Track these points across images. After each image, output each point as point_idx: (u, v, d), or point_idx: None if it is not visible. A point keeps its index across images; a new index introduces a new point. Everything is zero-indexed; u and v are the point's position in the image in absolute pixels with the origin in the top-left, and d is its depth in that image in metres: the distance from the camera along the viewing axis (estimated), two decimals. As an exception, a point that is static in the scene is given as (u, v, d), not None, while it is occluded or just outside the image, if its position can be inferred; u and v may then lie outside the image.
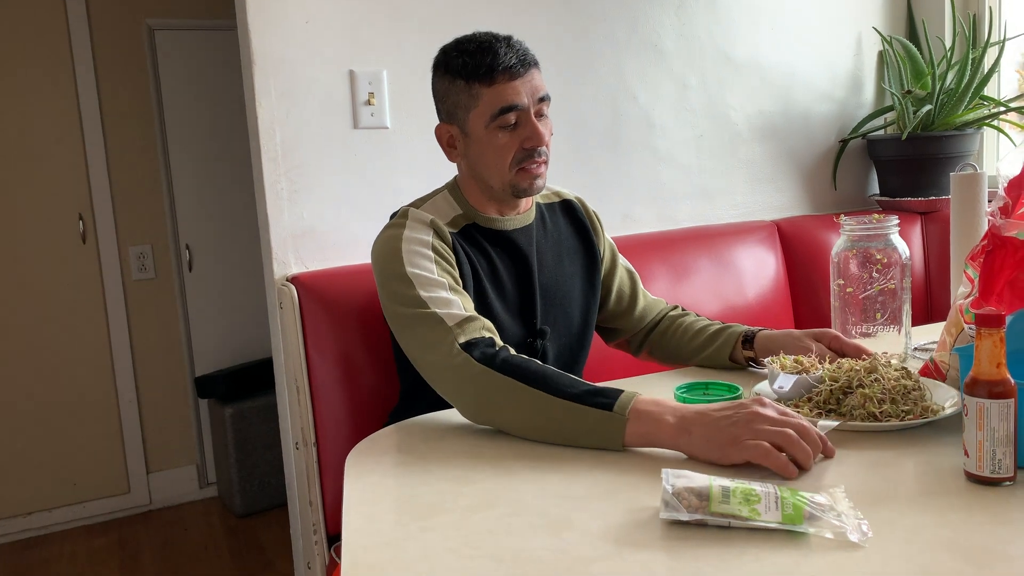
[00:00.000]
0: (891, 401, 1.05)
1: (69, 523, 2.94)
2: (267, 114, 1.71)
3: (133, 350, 3.01)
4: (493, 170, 1.28)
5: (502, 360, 1.09)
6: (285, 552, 2.63)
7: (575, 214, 1.47)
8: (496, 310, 1.32)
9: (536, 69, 1.28)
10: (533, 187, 1.29)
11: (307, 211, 1.76)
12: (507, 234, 1.35)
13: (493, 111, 1.24)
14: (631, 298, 1.52)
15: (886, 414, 1.04)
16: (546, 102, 1.29)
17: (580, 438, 1.04)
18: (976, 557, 0.73)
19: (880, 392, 1.05)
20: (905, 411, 1.04)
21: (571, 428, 1.04)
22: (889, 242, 1.32)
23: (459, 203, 1.35)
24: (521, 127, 1.26)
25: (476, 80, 1.24)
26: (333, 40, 1.76)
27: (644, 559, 0.76)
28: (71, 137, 2.87)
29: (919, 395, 1.06)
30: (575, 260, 1.44)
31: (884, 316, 1.33)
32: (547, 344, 1.38)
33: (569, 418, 1.03)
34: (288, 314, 1.63)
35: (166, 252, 3.05)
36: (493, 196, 1.33)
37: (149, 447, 3.06)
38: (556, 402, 1.04)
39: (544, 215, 1.43)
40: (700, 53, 2.19)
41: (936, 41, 2.35)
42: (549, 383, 1.06)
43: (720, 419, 0.96)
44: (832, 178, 2.40)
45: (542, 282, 1.38)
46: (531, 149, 1.26)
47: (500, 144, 1.26)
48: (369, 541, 0.83)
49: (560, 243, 1.43)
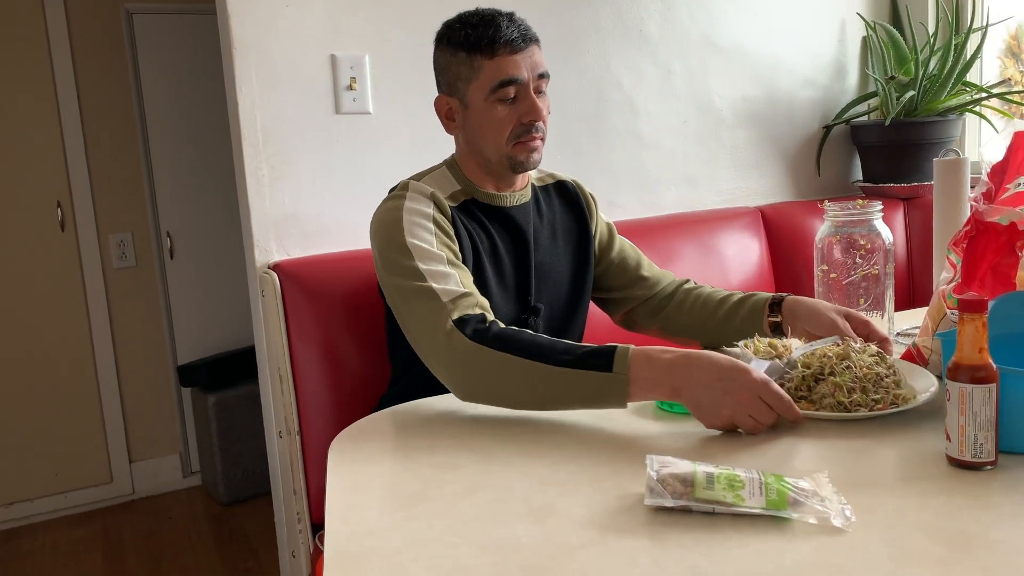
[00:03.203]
0: (861, 390, 1.03)
1: (51, 513, 2.92)
2: (247, 100, 1.69)
3: (114, 339, 2.98)
4: (491, 143, 1.29)
5: (494, 335, 1.09)
6: (270, 541, 2.62)
7: (570, 195, 1.48)
8: (492, 286, 1.33)
9: (537, 46, 1.30)
10: (530, 161, 1.30)
11: (289, 198, 1.74)
12: (506, 210, 1.36)
13: (493, 83, 1.25)
14: (637, 266, 1.51)
15: (856, 403, 1.03)
16: (545, 79, 1.30)
17: (582, 403, 1.05)
18: (958, 541, 0.73)
19: (851, 380, 1.04)
20: (875, 400, 1.03)
21: (572, 394, 1.04)
22: (872, 228, 1.33)
23: (457, 179, 1.35)
24: (520, 101, 1.28)
25: (478, 52, 1.25)
26: (314, 24, 1.74)
27: (628, 545, 0.75)
28: (48, 123, 2.83)
29: (893, 382, 1.05)
30: (569, 240, 1.45)
31: (867, 301, 1.33)
32: (539, 322, 1.39)
33: (569, 385, 1.04)
34: (270, 302, 1.62)
35: (147, 240, 3.01)
36: (490, 171, 1.33)
37: (131, 436, 3.03)
38: (553, 371, 1.04)
39: (539, 195, 1.44)
40: (684, 39, 2.18)
41: (919, 27, 2.36)
42: (544, 352, 1.06)
43: (713, 387, 0.99)
44: (816, 164, 2.41)
45: (537, 260, 1.39)
46: (529, 124, 1.28)
47: (499, 117, 1.27)
48: (353, 529, 0.83)
49: (555, 223, 1.43)
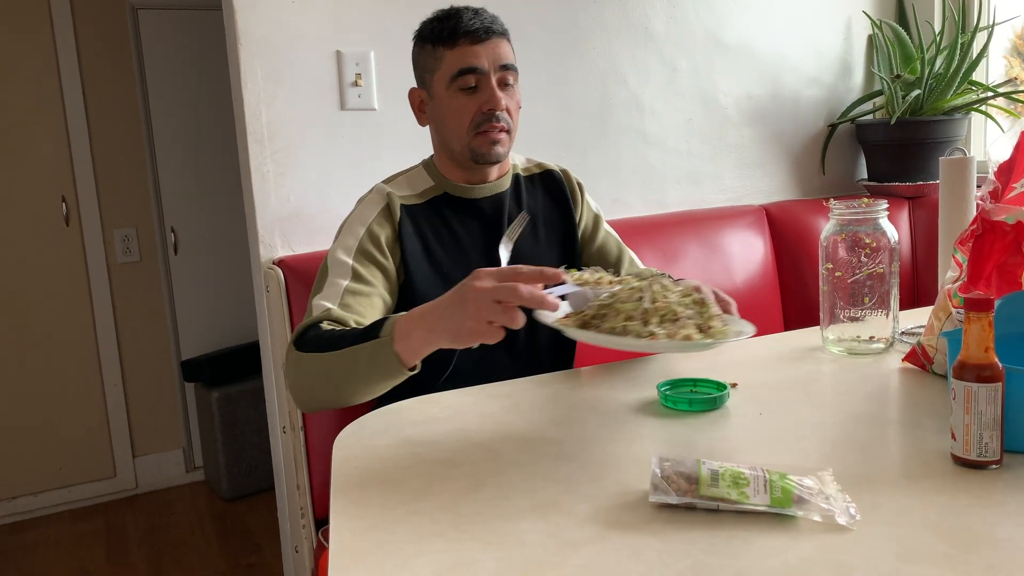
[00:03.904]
0: (643, 321, 0.95)
1: (55, 507, 2.93)
2: (253, 95, 1.69)
3: (118, 334, 2.98)
4: (453, 133, 1.32)
5: (304, 340, 1.12)
6: (273, 536, 2.63)
7: (554, 184, 1.48)
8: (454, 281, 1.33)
9: (503, 39, 1.32)
10: (492, 153, 1.31)
11: (293, 193, 1.74)
12: (476, 202, 1.37)
13: (453, 72, 1.28)
14: (616, 262, 1.50)
15: (627, 330, 0.95)
16: (511, 72, 1.31)
17: (370, 375, 1.06)
18: (963, 539, 0.73)
19: (637, 311, 0.96)
20: (651, 332, 0.94)
21: (359, 369, 1.06)
22: (878, 226, 1.32)
23: (432, 175, 1.38)
24: (481, 91, 1.29)
25: (440, 43, 1.29)
26: (320, 20, 1.74)
27: (632, 542, 0.75)
28: (53, 119, 2.83)
29: (693, 324, 0.97)
30: (551, 230, 1.44)
31: (872, 300, 1.33)
32: None
33: (354, 362, 1.06)
34: (275, 297, 1.62)
35: (151, 235, 3.02)
36: (459, 163, 1.35)
37: (135, 431, 3.04)
38: (340, 354, 1.06)
39: (521, 185, 1.44)
40: (690, 37, 2.18)
41: (925, 26, 2.35)
42: (334, 340, 1.08)
43: (447, 308, 0.98)
44: (821, 162, 2.40)
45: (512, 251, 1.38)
46: (489, 113, 1.29)
47: (458, 105, 1.30)
48: (357, 525, 0.83)
49: (535, 213, 1.43)
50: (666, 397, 1.12)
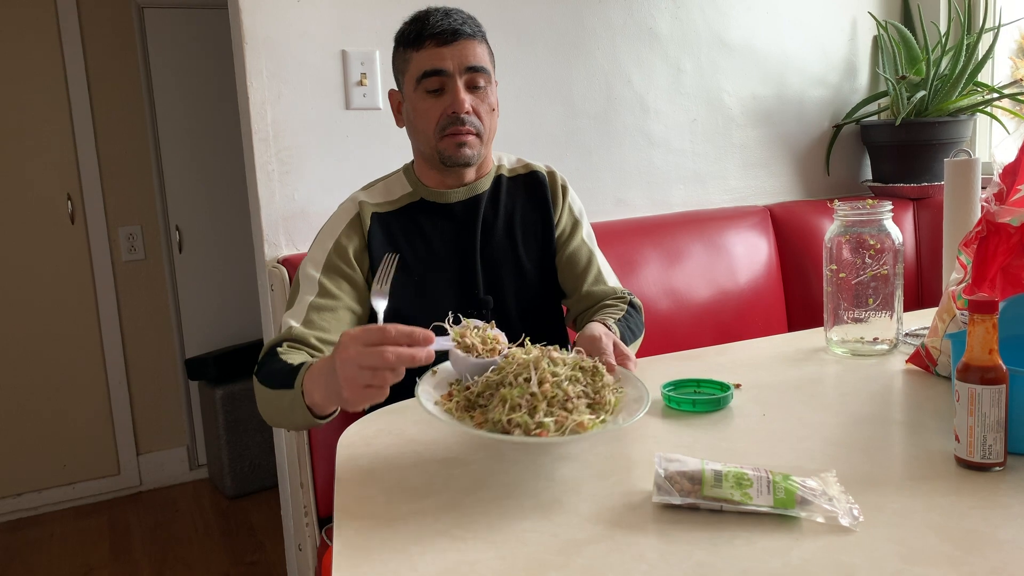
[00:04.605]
0: (530, 409, 0.88)
1: (59, 504, 2.93)
2: (258, 95, 1.69)
3: (123, 332, 2.99)
4: (421, 135, 1.32)
5: (260, 366, 1.18)
6: (276, 534, 2.63)
7: (535, 185, 1.45)
8: (428, 285, 1.35)
9: (473, 41, 1.30)
10: (458, 155, 1.30)
11: (298, 192, 1.75)
12: (450, 207, 1.38)
13: (418, 74, 1.29)
14: (580, 275, 1.44)
15: (515, 423, 0.87)
16: (481, 74, 1.30)
17: (293, 421, 1.09)
18: (966, 541, 0.73)
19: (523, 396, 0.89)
20: (539, 424, 0.87)
21: (284, 414, 1.10)
22: (882, 227, 1.32)
23: (410, 181, 1.39)
24: (446, 94, 1.29)
25: (409, 46, 1.30)
26: (325, 20, 1.74)
27: (636, 542, 0.76)
28: (59, 117, 2.84)
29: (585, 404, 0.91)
30: (531, 231, 1.42)
31: (876, 301, 1.33)
32: (488, 314, 1.37)
33: (279, 405, 1.10)
34: (279, 295, 1.62)
35: (156, 233, 3.02)
36: (432, 165, 1.35)
37: (139, 429, 3.05)
38: (275, 394, 1.10)
39: (502, 187, 1.42)
40: (695, 37, 2.18)
41: (931, 27, 2.35)
42: (273, 377, 1.12)
43: (328, 375, 0.98)
44: (825, 163, 2.40)
45: (488, 253, 1.38)
46: (454, 116, 1.28)
47: (425, 108, 1.30)
48: (361, 523, 0.83)
49: (513, 214, 1.42)
50: (669, 398, 1.12)
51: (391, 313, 1.16)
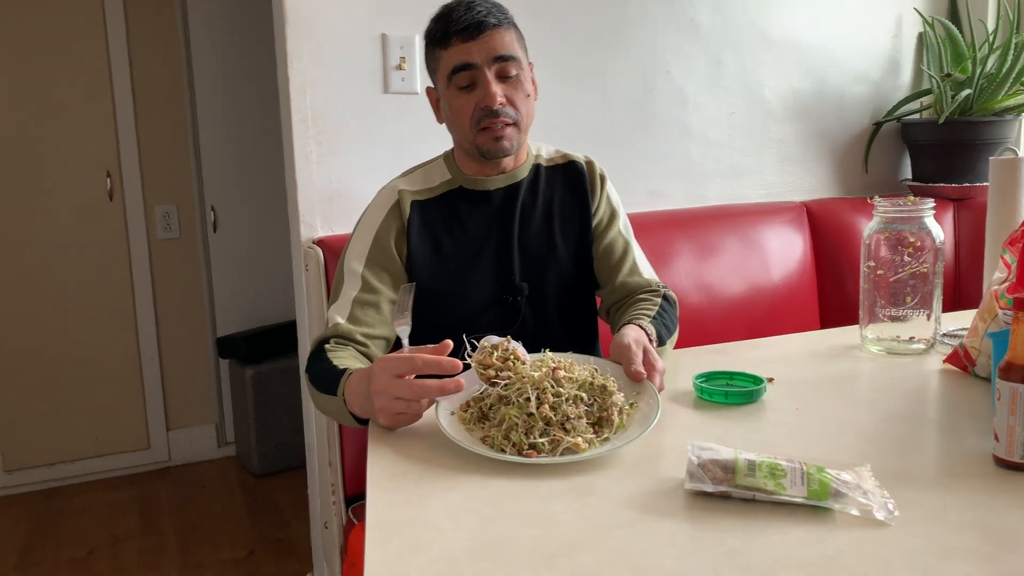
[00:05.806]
0: (527, 430, 0.93)
1: (90, 475, 2.99)
2: (298, 76, 1.70)
3: (156, 309, 3.03)
4: (458, 131, 1.33)
5: (310, 362, 1.23)
6: (302, 512, 2.66)
7: (575, 175, 1.44)
8: (465, 272, 1.36)
9: (499, 30, 1.28)
10: (497, 148, 1.30)
11: (335, 174, 1.76)
12: (488, 193, 1.38)
13: (448, 72, 1.29)
14: (615, 267, 1.44)
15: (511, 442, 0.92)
16: (511, 62, 1.28)
17: (343, 422, 1.16)
18: (1002, 539, 0.72)
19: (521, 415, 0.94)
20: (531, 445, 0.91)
21: (332, 414, 1.16)
22: (923, 225, 1.31)
23: (450, 168, 1.40)
24: (478, 87, 1.29)
25: (437, 44, 1.30)
26: (365, 3, 1.75)
27: (667, 528, 0.76)
28: (100, 94, 2.88)
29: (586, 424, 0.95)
30: (568, 221, 1.42)
31: (914, 300, 1.31)
32: (523, 301, 1.38)
33: (327, 406, 1.15)
34: (313, 276, 1.64)
35: (191, 212, 3.06)
36: (472, 157, 1.36)
37: (169, 405, 3.09)
38: (323, 397, 1.16)
39: (540, 176, 1.42)
40: (736, 29, 2.16)
41: (978, 24, 2.31)
42: (321, 377, 1.16)
43: (364, 398, 1.04)
44: (864, 161, 2.37)
45: (525, 240, 1.39)
46: (487, 109, 1.28)
47: (459, 105, 1.30)
48: (392, 498, 0.84)
49: (551, 203, 1.42)
50: (702, 389, 1.12)
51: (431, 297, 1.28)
